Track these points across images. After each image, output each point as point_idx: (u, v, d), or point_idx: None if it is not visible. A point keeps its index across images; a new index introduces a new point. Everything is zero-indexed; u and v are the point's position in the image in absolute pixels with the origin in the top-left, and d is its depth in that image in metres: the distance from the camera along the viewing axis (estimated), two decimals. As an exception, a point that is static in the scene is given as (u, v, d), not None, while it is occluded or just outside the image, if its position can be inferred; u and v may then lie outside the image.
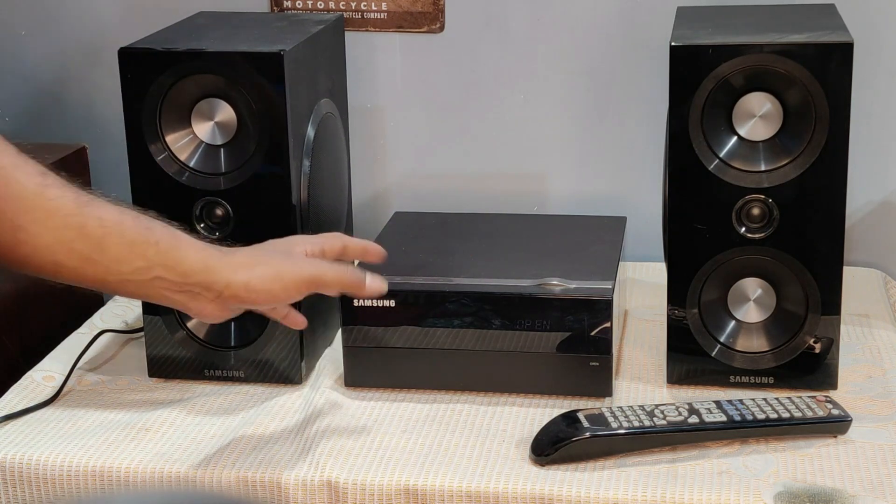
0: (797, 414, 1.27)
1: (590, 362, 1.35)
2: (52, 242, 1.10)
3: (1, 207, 1.08)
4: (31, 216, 1.09)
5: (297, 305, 1.27)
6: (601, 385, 1.36)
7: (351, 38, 1.71)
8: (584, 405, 1.33)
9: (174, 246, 1.15)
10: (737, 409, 1.28)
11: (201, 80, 1.36)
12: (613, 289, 1.36)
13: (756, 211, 1.33)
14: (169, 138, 1.38)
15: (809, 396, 1.31)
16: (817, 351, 1.36)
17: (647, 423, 1.25)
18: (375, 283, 1.24)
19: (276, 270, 1.18)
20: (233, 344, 1.42)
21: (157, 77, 1.36)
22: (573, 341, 1.35)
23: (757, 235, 1.33)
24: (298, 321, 1.28)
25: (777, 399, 1.30)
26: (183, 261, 1.14)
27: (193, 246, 1.16)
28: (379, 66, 1.76)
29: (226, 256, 1.17)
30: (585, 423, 1.26)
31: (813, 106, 1.30)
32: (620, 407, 1.29)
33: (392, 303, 1.38)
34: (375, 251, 1.27)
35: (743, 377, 1.37)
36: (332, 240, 1.26)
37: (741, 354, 1.37)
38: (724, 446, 1.26)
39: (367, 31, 1.75)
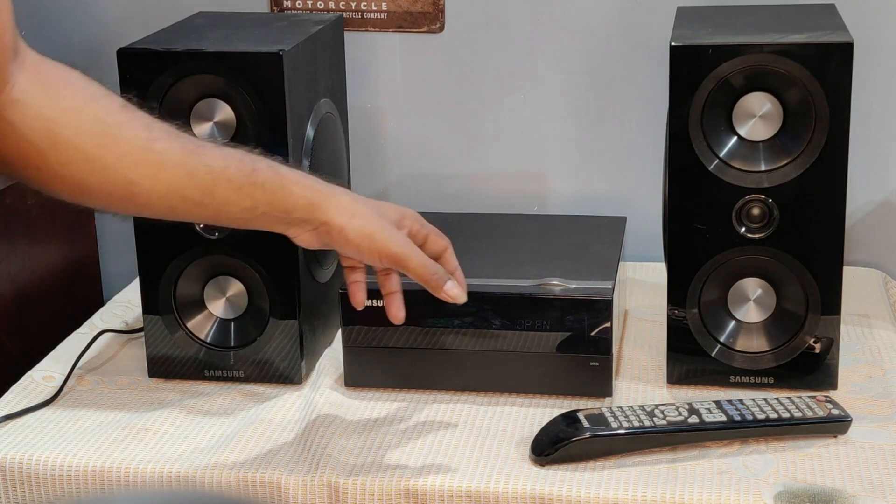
0: (797, 414, 1.27)
1: (590, 362, 1.35)
2: (165, 192, 1.15)
3: (113, 165, 1.13)
4: (142, 170, 1.14)
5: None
6: (601, 385, 1.36)
7: (351, 38, 1.71)
8: (584, 405, 1.33)
9: (279, 185, 1.18)
10: (737, 409, 1.28)
11: (201, 80, 1.36)
12: (613, 289, 1.36)
13: (756, 211, 1.33)
14: (169, 138, 1.38)
15: (809, 396, 1.31)
16: (817, 351, 1.36)
17: (647, 423, 1.25)
18: (455, 290, 1.25)
19: (372, 230, 1.21)
20: (233, 344, 1.42)
21: (156, 77, 1.36)
22: (573, 341, 1.35)
23: (757, 235, 1.33)
24: (396, 315, 1.28)
25: (777, 399, 1.30)
26: (287, 199, 1.19)
27: (297, 183, 1.20)
28: (379, 66, 1.76)
29: (331, 197, 1.21)
30: (585, 423, 1.26)
31: (813, 106, 1.30)
32: (620, 407, 1.29)
33: (392, 303, 1.38)
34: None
35: (743, 377, 1.37)
36: (439, 240, 1.28)
37: (741, 354, 1.37)
38: (724, 446, 1.26)
39: (367, 31, 1.75)
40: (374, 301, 1.37)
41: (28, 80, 1.13)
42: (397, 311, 1.27)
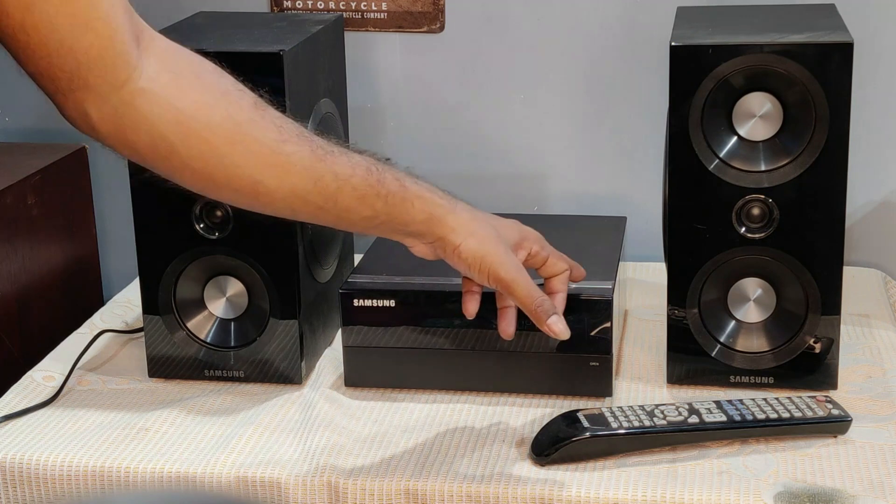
0: (797, 414, 1.27)
1: (590, 362, 1.35)
2: (289, 194, 1.15)
3: (242, 163, 1.13)
4: (269, 171, 1.14)
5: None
6: (601, 385, 1.36)
7: (351, 38, 1.71)
8: (584, 405, 1.33)
9: (401, 198, 1.19)
10: (737, 409, 1.28)
11: (201, 80, 1.36)
12: (613, 289, 1.36)
13: (756, 211, 1.33)
14: (169, 138, 1.38)
15: (809, 396, 1.31)
16: (817, 351, 1.36)
17: (647, 423, 1.25)
18: (558, 326, 1.24)
19: (485, 251, 1.22)
20: (233, 344, 1.42)
21: (156, 77, 1.36)
22: (573, 341, 1.35)
23: (757, 235, 1.33)
24: (505, 330, 1.29)
25: (777, 399, 1.30)
26: (407, 212, 1.20)
27: (420, 197, 1.20)
28: (379, 66, 1.76)
29: (451, 213, 1.22)
30: (585, 423, 1.26)
31: (813, 106, 1.30)
32: (620, 407, 1.29)
33: (392, 303, 1.38)
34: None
35: (743, 377, 1.37)
36: (559, 262, 1.29)
37: (741, 354, 1.37)
38: (724, 446, 1.26)
39: (367, 31, 1.75)
40: (374, 301, 1.37)
41: (156, 68, 1.11)
42: (507, 327, 1.28)
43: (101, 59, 1.08)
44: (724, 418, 1.26)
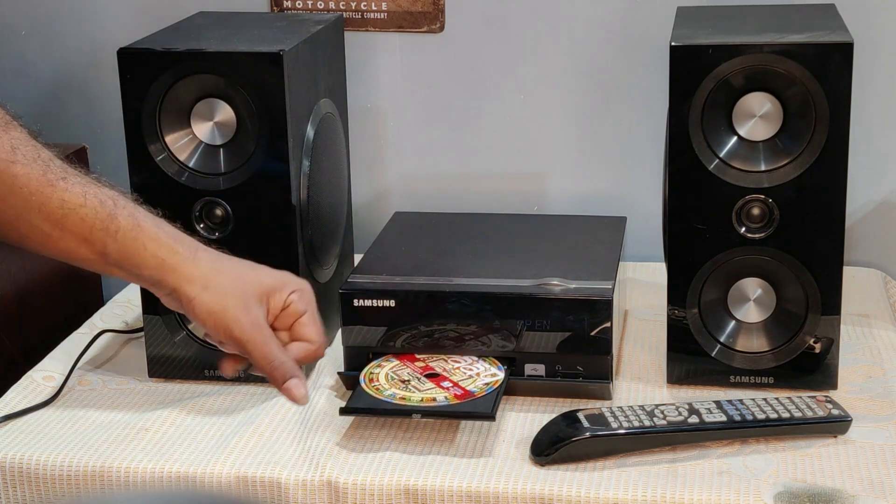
0: (797, 414, 1.27)
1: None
2: (13, 218, 1.11)
3: None
4: None
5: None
6: (601, 385, 1.35)
7: (351, 38, 1.71)
8: (584, 405, 1.33)
9: (132, 238, 1.13)
10: (737, 409, 1.28)
11: (201, 80, 1.36)
12: (613, 289, 1.36)
13: (756, 211, 1.33)
14: (168, 138, 1.38)
15: (809, 396, 1.31)
16: (817, 351, 1.36)
17: (647, 423, 1.25)
18: (298, 390, 1.15)
19: (220, 307, 1.14)
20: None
21: (156, 77, 1.36)
22: (573, 341, 1.35)
23: (757, 235, 1.33)
24: (227, 368, 1.18)
25: (777, 399, 1.30)
26: (138, 254, 1.13)
27: (154, 240, 1.13)
28: (379, 66, 1.76)
29: (188, 261, 1.14)
30: (585, 423, 1.26)
31: (813, 106, 1.30)
32: (620, 407, 1.29)
33: (392, 303, 1.38)
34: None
35: (743, 377, 1.37)
36: (310, 329, 1.18)
37: (741, 354, 1.37)
38: (724, 446, 1.26)
39: (367, 31, 1.75)
40: (374, 301, 1.37)
41: None
42: (228, 366, 1.19)
43: None
44: (724, 418, 1.26)
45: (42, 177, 1.10)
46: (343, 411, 1.28)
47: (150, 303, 1.42)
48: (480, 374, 1.32)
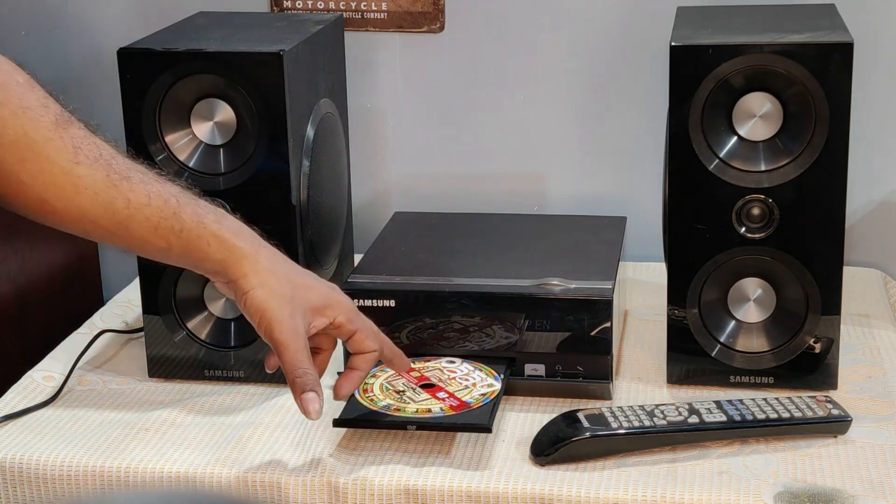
0: (797, 414, 1.27)
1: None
2: (78, 217, 1.13)
3: (29, 182, 1.10)
4: (57, 192, 1.11)
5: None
6: (601, 385, 1.35)
7: (351, 38, 1.71)
8: (584, 405, 1.33)
9: (196, 235, 1.17)
10: (737, 409, 1.28)
11: (201, 80, 1.36)
12: (613, 289, 1.36)
13: (756, 211, 1.33)
14: (168, 138, 1.38)
15: (809, 396, 1.31)
16: (817, 351, 1.36)
17: (647, 423, 1.25)
18: (312, 405, 1.18)
19: (267, 305, 1.18)
20: (233, 344, 1.42)
21: (156, 77, 1.36)
22: (573, 341, 1.35)
23: (757, 235, 1.33)
24: (338, 391, 1.24)
25: (777, 399, 1.30)
26: (202, 249, 1.17)
27: (217, 237, 1.17)
28: (379, 66, 1.76)
29: (248, 258, 1.18)
30: (585, 423, 1.26)
31: (813, 106, 1.30)
32: (620, 407, 1.29)
33: (392, 303, 1.38)
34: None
35: (743, 377, 1.37)
36: (366, 342, 1.24)
37: (741, 354, 1.37)
38: (724, 446, 1.26)
39: (367, 31, 1.75)
40: (374, 301, 1.37)
41: None
42: (340, 388, 1.24)
43: None
44: (724, 418, 1.26)
45: (106, 178, 1.13)
46: (336, 423, 1.27)
47: (150, 303, 1.42)
48: (477, 384, 1.32)
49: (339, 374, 1.39)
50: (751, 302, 1.36)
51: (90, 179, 1.12)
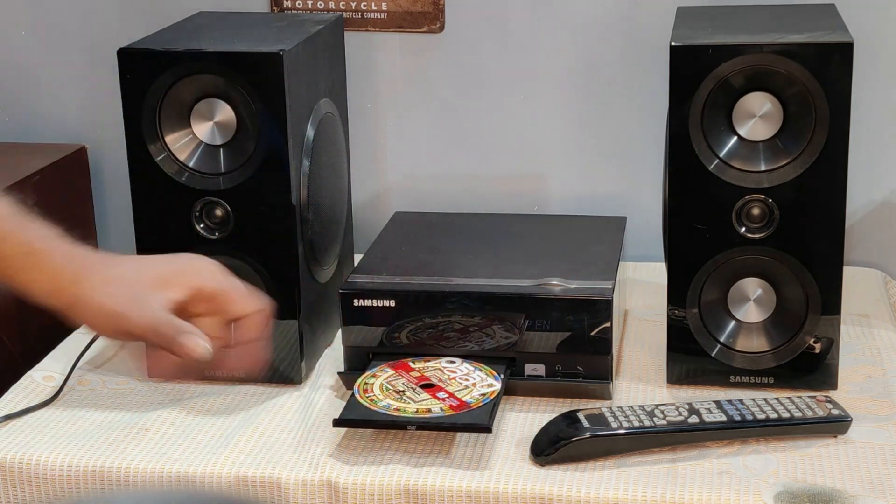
0: (797, 414, 1.27)
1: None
2: None
3: None
4: None
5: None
6: (601, 385, 1.35)
7: (351, 38, 1.71)
8: (584, 405, 1.33)
9: (21, 265, 1.10)
10: (737, 409, 1.28)
11: (201, 80, 1.36)
12: (613, 289, 1.36)
13: (756, 211, 1.33)
14: (168, 138, 1.38)
15: (809, 396, 1.31)
16: (817, 351, 1.36)
17: (647, 423, 1.25)
18: (191, 342, 1.13)
19: (109, 310, 1.11)
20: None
21: (156, 77, 1.36)
22: (573, 341, 1.35)
23: (757, 235, 1.33)
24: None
25: (777, 399, 1.30)
26: (29, 282, 1.11)
27: (41, 270, 1.10)
28: (379, 66, 1.76)
29: (75, 283, 1.11)
30: (585, 423, 1.26)
31: (813, 106, 1.30)
32: (620, 407, 1.29)
33: (392, 303, 1.38)
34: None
35: (743, 377, 1.37)
36: (243, 303, 1.16)
37: (741, 354, 1.37)
38: (724, 446, 1.26)
39: (367, 31, 1.75)
40: (374, 301, 1.37)
41: None
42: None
43: None
44: (724, 418, 1.26)
45: None
46: (336, 423, 1.27)
47: (150, 303, 1.42)
48: (477, 384, 1.32)
49: (339, 374, 1.39)
50: (751, 302, 1.36)
51: None
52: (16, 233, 1.08)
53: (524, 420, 1.32)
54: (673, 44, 1.31)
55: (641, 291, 1.62)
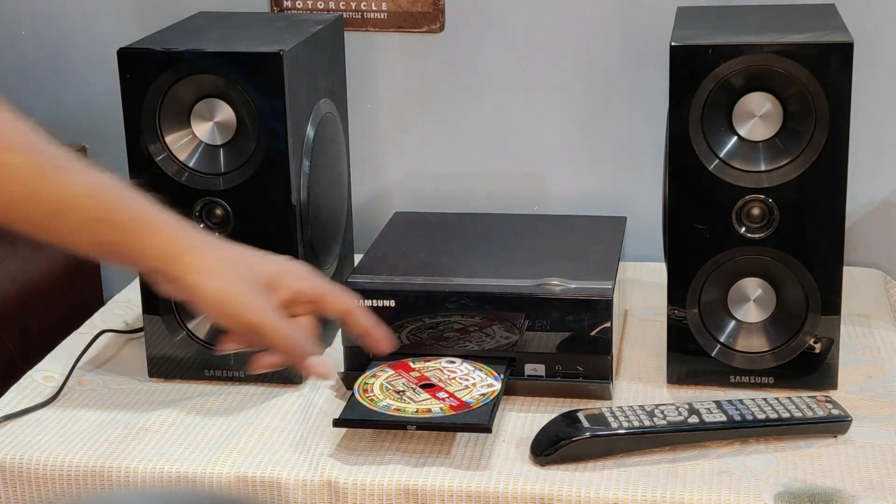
0: (797, 414, 1.27)
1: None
2: (6, 204, 1.07)
3: None
4: None
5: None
6: (601, 385, 1.35)
7: (351, 38, 1.71)
8: (584, 405, 1.33)
9: (137, 228, 1.09)
10: (737, 409, 1.28)
11: (201, 80, 1.36)
12: (613, 289, 1.36)
13: (756, 211, 1.33)
14: (168, 138, 1.38)
15: (809, 396, 1.31)
16: (817, 351, 1.36)
17: (647, 423, 1.25)
18: (320, 368, 1.15)
19: (227, 295, 1.10)
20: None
21: (156, 77, 1.36)
22: (573, 341, 1.35)
23: (757, 235, 1.33)
24: (257, 363, 1.15)
25: (777, 399, 1.30)
26: (141, 244, 1.09)
27: (156, 231, 1.09)
28: (379, 66, 1.76)
29: (192, 251, 1.10)
30: (585, 423, 1.26)
31: (813, 106, 1.30)
32: (620, 407, 1.29)
33: (392, 303, 1.38)
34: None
35: (743, 377, 1.37)
36: (339, 300, 1.16)
37: (741, 354, 1.37)
38: (724, 446, 1.26)
39: (367, 31, 1.75)
40: (374, 301, 1.37)
41: None
42: (261, 360, 1.15)
43: None
44: (724, 418, 1.26)
45: (38, 165, 1.07)
46: (337, 423, 1.27)
47: (150, 303, 1.42)
48: (476, 384, 1.32)
49: (339, 373, 1.39)
50: (751, 302, 1.36)
51: (21, 166, 1.06)
52: (129, 202, 1.09)
53: (524, 420, 1.32)
54: (673, 44, 1.31)
55: (641, 291, 1.62)
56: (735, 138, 1.32)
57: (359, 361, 1.39)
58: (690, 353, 1.37)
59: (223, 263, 1.11)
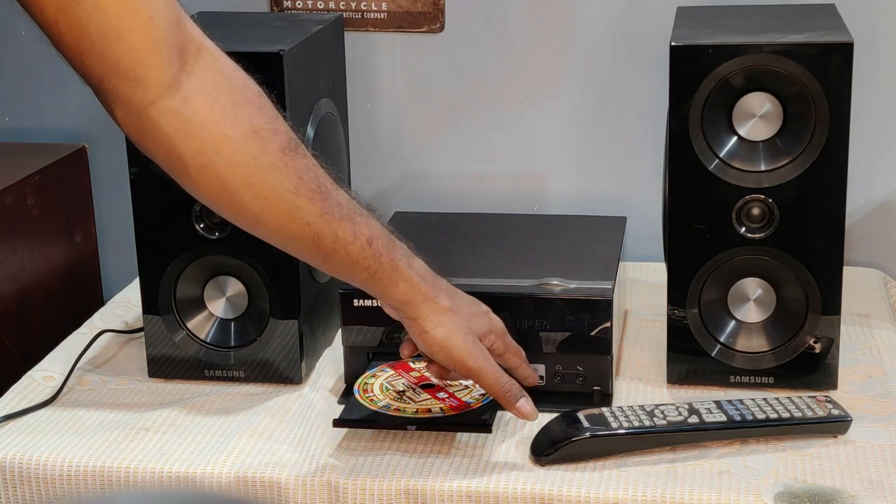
0: (797, 414, 1.27)
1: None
2: (287, 239, 1.18)
3: (248, 203, 1.14)
4: (273, 216, 1.15)
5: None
6: (601, 385, 1.35)
7: (351, 38, 1.71)
8: (583, 405, 1.33)
9: (388, 277, 1.22)
10: (737, 409, 1.28)
11: (201, 80, 1.36)
12: (613, 289, 1.36)
13: (756, 211, 1.33)
14: (169, 138, 1.38)
15: (809, 396, 1.31)
16: (817, 351, 1.36)
17: (647, 423, 1.25)
18: (527, 408, 1.27)
19: (452, 343, 1.25)
20: (233, 344, 1.42)
21: (156, 77, 1.36)
22: (573, 341, 1.35)
23: (757, 235, 1.33)
24: (526, 411, 1.29)
25: (777, 399, 1.30)
26: (389, 289, 1.23)
27: (406, 281, 1.23)
28: (379, 66, 1.76)
29: (429, 302, 1.25)
30: (585, 423, 1.26)
31: (813, 106, 1.30)
32: (620, 407, 1.29)
33: (392, 303, 1.37)
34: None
35: (743, 377, 1.37)
36: (513, 357, 1.31)
37: (741, 354, 1.37)
38: (724, 446, 1.26)
39: (367, 31, 1.75)
40: (375, 301, 1.37)
41: (195, 88, 1.09)
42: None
43: (133, 71, 1.06)
44: (724, 418, 1.26)
45: (321, 212, 1.16)
46: (336, 423, 1.27)
47: (150, 303, 1.42)
48: (476, 384, 1.32)
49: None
50: (751, 302, 1.36)
51: (306, 211, 1.16)
52: (388, 249, 1.22)
53: (524, 420, 1.32)
54: (673, 44, 1.31)
55: (641, 291, 1.62)
56: (735, 138, 1.32)
57: (359, 361, 1.39)
58: (690, 353, 1.38)
59: (451, 315, 1.26)
